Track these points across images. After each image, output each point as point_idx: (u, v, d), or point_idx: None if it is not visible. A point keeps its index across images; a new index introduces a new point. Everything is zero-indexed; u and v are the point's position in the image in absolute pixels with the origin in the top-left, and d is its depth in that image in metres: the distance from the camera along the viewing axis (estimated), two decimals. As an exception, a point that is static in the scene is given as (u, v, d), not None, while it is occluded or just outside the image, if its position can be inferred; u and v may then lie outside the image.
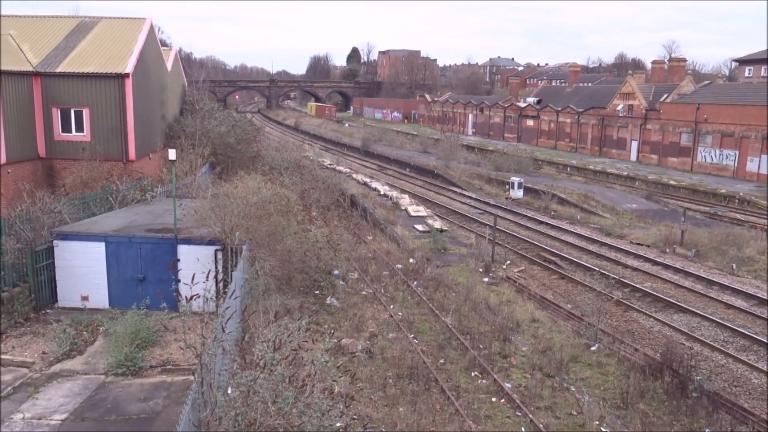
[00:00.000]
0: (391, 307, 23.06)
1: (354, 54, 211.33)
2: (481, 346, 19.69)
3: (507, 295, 25.76)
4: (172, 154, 21.19)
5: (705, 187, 52.55)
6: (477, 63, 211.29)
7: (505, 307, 23.47)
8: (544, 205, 45.67)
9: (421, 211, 41.92)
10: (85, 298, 19.95)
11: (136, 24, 35.66)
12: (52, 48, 33.18)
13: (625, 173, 60.68)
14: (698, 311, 24.60)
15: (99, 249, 19.83)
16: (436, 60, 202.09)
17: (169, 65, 41.41)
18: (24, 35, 33.96)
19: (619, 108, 74.13)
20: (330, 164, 60.13)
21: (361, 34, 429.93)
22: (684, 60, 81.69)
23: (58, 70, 31.41)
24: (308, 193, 34.75)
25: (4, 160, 28.74)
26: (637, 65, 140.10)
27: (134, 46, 33.22)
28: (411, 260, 29.54)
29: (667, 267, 30.62)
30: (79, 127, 31.66)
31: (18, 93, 29.92)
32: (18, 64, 30.75)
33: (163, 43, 49.97)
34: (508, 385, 17.29)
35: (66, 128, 31.69)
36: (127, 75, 31.25)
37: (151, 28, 36.33)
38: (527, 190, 50.49)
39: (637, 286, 27.76)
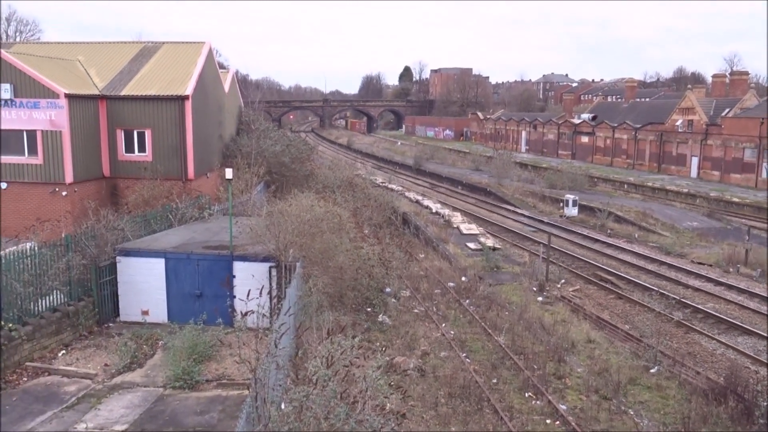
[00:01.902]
0: (443, 325, 22.93)
1: (406, 73, 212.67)
2: (535, 367, 19.35)
3: (562, 314, 25.28)
4: (228, 173, 21.76)
5: (771, 205, 50.46)
6: (530, 80, 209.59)
7: (560, 327, 23.03)
8: (599, 223, 44.73)
9: (473, 228, 41.66)
10: (145, 313, 20.57)
11: (196, 48, 36.93)
12: (117, 72, 34.66)
13: (685, 190, 58.91)
14: (764, 333, 23.57)
15: (159, 265, 20.45)
16: (488, 77, 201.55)
17: (226, 87, 42.62)
18: (91, 60, 35.61)
19: (678, 123, 72.19)
20: (382, 182, 60.48)
21: (413, 52, 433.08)
22: (746, 73, 79.14)
23: (123, 93, 32.77)
24: (360, 210, 35.05)
25: (71, 179, 30.08)
26: (696, 79, 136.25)
27: (194, 69, 34.37)
28: (463, 278, 29.35)
29: (730, 287, 29.50)
30: (142, 148, 32.87)
31: (85, 115, 31.33)
32: (85, 88, 32.24)
33: (221, 66, 51.48)
34: (563, 407, 16.91)
35: (129, 149, 32.95)
36: (187, 97, 32.33)
37: (210, 51, 37.53)
38: (582, 208, 49.57)
39: (699, 306, 26.83)
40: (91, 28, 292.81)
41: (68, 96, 29.87)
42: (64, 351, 18.16)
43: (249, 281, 18.85)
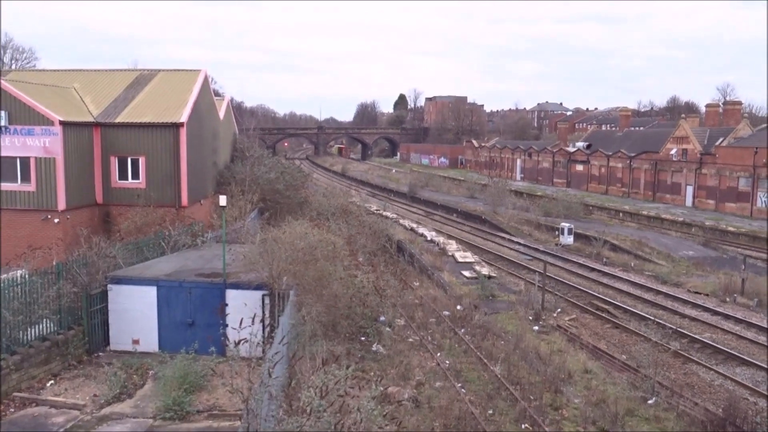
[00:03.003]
0: (438, 355, 22.66)
1: (401, 101, 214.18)
2: (532, 397, 19.07)
3: (558, 344, 25.04)
4: (222, 200, 21.64)
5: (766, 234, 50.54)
6: (525, 108, 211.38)
7: (556, 357, 22.78)
8: (595, 251, 44.68)
9: (468, 257, 41.50)
10: (135, 342, 20.26)
11: (192, 76, 37.10)
12: (112, 99, 34.74)
13: (680, 219, 59.05)
14: (763, 364, 23.38)
15: (151, 293, 20.21)
16: (483, 105, 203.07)
17: (221, 114, 42.75)
18: (87, 88, 35.71)
19: (672, 152, 72.68)
20: (377, 210, 60.34)
21: (408, 81, 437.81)
22: (740, 103, 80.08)
23: (117, 120, 32.79)
24: (355, 238, 34.81)
25: (63, 206, 29.91)
26: (690, 108, 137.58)
27: (189, 96, 34.48)
28: (458, 307, 29.12)
29: (727, 317, 29.35)
30: (135, 175, 32.78)
31: (79, 142, 31.29)
32: (80, 116, 32.25)
33: (216, 93, 51.74)
34: (561, 439, 16.62)
35: (123, 176, 32.85)
36: (181, 124, 32.37)
37: (206, 79, 37.72)
38: (578, 236, 49.56)
39: (696, 336, 26.65)
40: (86, 57, 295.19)
41: (63, 123, 29.86)
42: (52, 381, 17.82)
43: (242, 309, 18.62)
